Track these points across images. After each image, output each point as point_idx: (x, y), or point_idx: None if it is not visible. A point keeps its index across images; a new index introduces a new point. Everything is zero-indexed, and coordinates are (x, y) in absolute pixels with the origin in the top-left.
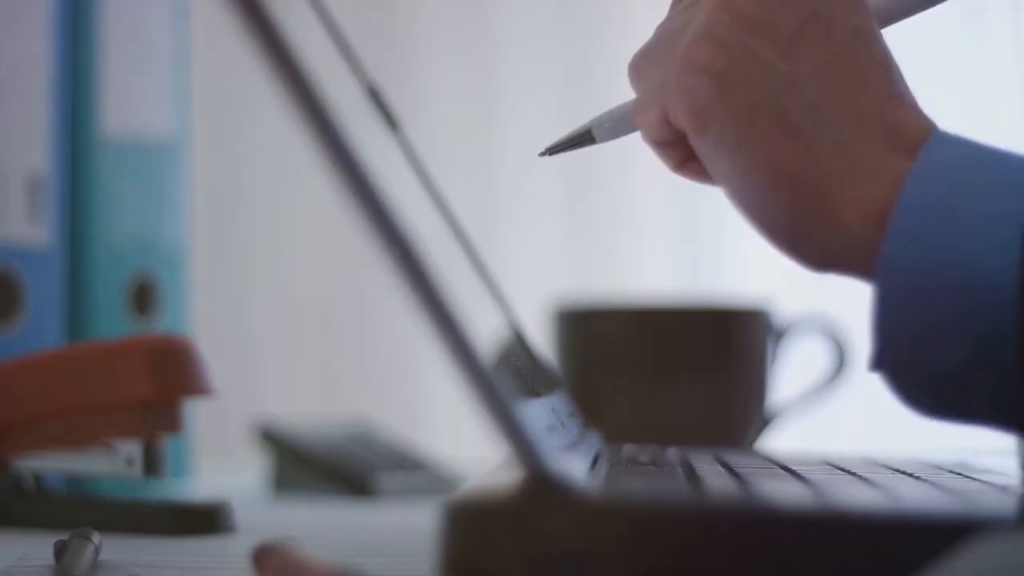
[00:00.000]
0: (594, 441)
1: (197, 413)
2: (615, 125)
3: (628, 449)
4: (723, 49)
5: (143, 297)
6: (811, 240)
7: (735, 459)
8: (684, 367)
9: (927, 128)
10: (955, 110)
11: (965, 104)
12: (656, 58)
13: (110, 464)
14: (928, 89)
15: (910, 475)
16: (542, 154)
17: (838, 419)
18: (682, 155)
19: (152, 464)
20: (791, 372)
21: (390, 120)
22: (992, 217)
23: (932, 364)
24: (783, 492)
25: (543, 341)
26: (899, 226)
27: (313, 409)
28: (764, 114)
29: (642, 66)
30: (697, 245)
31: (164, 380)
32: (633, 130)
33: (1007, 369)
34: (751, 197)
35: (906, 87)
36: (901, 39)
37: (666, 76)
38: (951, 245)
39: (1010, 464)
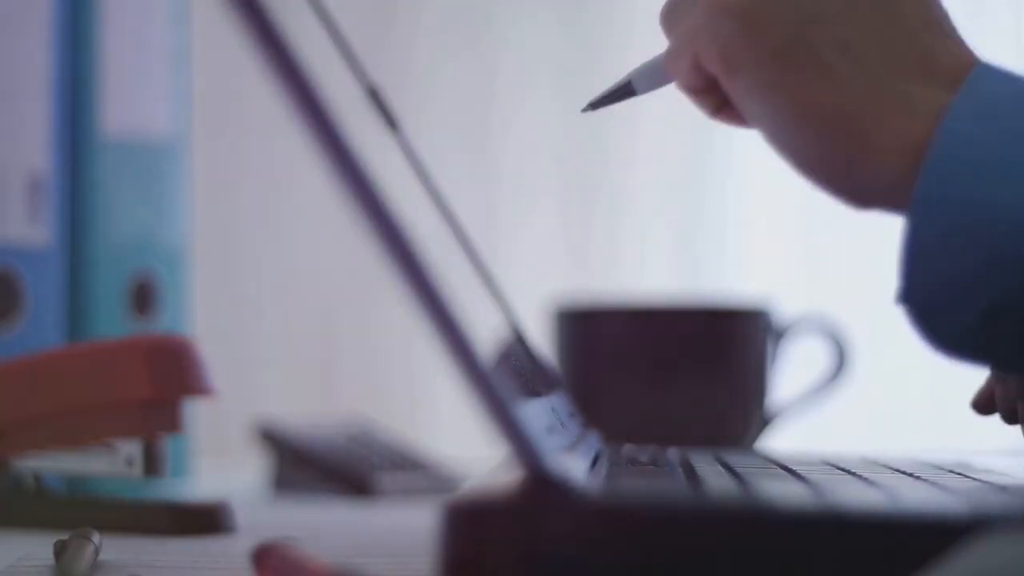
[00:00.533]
0: (594, 441)
1: (197, 413)
2: (653, 76)
3: (628, 449)
4: None
5: (143, 297)
6: (850, 175)
7: (735, 459)
8: (684, 367)
9: (967, 58)
10: None
11: None
12: (685, 5)
13: (110, 464)
14: None
15: (910, 475)
16: (584, 109)
17: (838, 419)
18: (717, 101)
19: (152, 464)
20: (791, 372)
21: (390, 120)
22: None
23: (957, 304)
24: (783, 492)
25: (543, 341)
26: (934, 165)
27: (313, 409)
28: (793, 53)
29: (672, 15)
30: (697, 245)
31: (164, 380)
32: (671, 80)
33: None
34: (787, 136)
35: (945, 13)
36: None
37: (693, 26)
38: (985, 186)
39: (1011, 464)
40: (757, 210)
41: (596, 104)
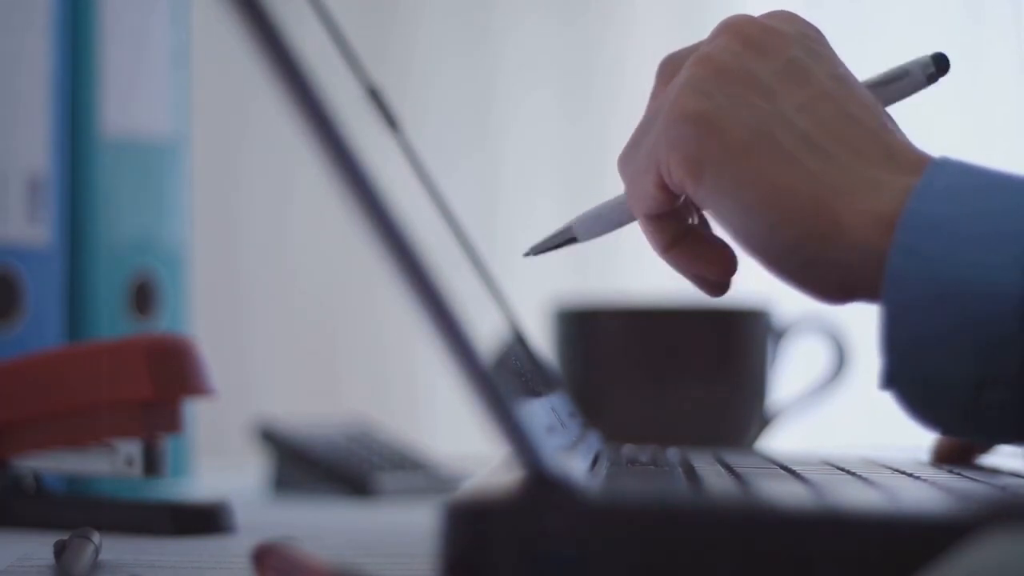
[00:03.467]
0: (594, 441)
1: (197, 413)
2: (595, 223)
3: (628, 449)
4: (706, 96)
5: (143, 297)
6: (825, 263)
7: (735, 459)
8: (684, 367)
9: (924, 155)
10: (955, 110)
11: (965, 104)
12: (641, 138)
13: (110, 464)
14: (928, 89)
15: (910, 475)
16: (527, 254)
17: (838, 419)
18: (672, 235)
19: (152, 464)
20: (791, 372)
21: (390, 120)
22: (995, 235)
23: (941, 379)
24: (783, 492)
25: (543, 341)
26: (903, 241)
27: (313, 409)
28: (757, 147)
29: (630, 152)
30: None
31: (164, 380)
32: (614, 227)
33: (1015, 382)
34: (758, 232)
35: (897, 126)
36: (901, 40)
37: (654, 142)
38: (956, 260)
39: (1011, 464)
40: None
41: (538, 250)
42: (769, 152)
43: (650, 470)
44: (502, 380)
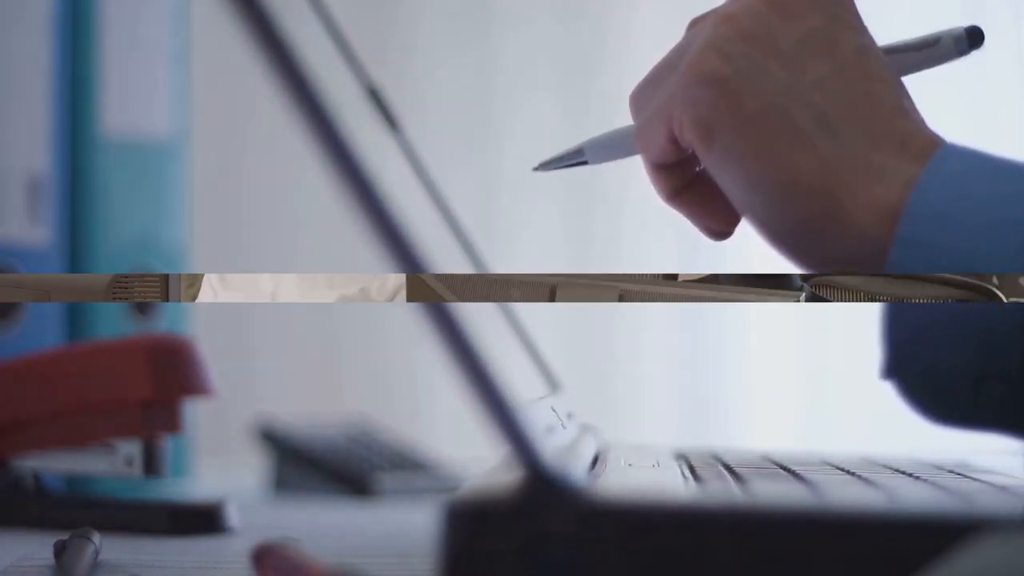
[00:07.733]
0: (594, 441)
1: (197, 413)
2: (608, 149)
3: (627, 449)
4: (727, 59)
5: None
6: (825, 245)
7: (735, 459)
8: None
9: (935, 140)
10: (955, 110)
11: (965, 104)
12: (658, 82)
13: (110, 464)
14: (928, 89)
15: (910, 475)
16: (536, 169)
17: (838, 419)
18: (678, 182)
19: (152, 464)
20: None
21: (390, 120)
22: (997, 225)
23: (941, 370)
24: (783, 492)
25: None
26: (905, 233)
27: (313, 409)
28: (770, 120)
29: (644, 92)
30: (698, 242)
31: (164, 380)
32: (626, 155)
33: (1015, 375)
34: (761, 206)
35: (913, 105)
36: (899, 39)
37: (671, 92)
38: (957, 251)
39: (1011, 464)
40: None
41: (548, 167)
42: (781, 127)
43: (649, 470)
44: (501, 380)
